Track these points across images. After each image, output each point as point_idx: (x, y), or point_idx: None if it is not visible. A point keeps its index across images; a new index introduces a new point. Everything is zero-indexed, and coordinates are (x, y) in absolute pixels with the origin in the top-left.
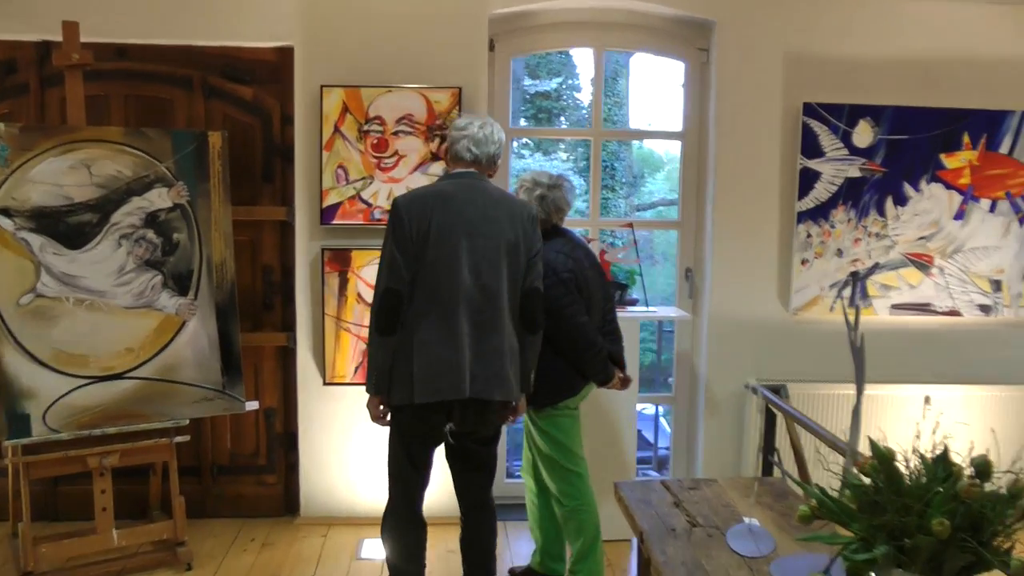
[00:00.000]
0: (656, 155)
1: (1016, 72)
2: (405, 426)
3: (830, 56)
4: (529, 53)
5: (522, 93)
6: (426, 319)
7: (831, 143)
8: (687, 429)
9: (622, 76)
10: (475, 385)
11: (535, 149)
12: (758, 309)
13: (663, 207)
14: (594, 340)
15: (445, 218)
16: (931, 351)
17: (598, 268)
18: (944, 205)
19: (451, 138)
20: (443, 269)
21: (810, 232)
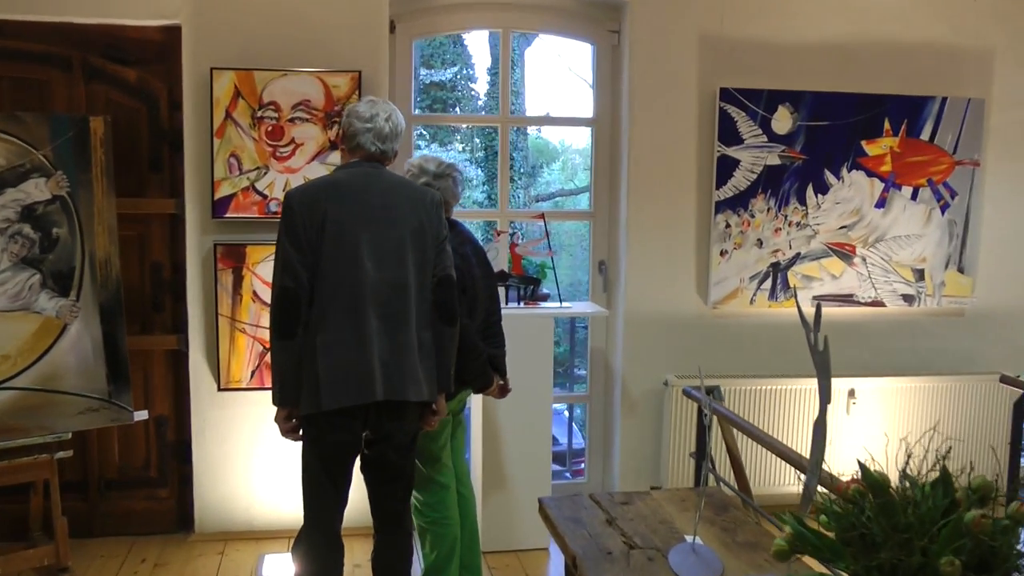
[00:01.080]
0: (552, 145)
1: (936, 57)
2: (317, 438)
3: (747, 39)
4: (431, 35)
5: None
6: (329, 319)
7: (749, 129)
8: (603, 429)
9: (518, 66)
10: (387, 386)
11: (431, 139)
12: (675, 303)
13: (561, 198)
14: (475, 344)
15: (341, 209)
16: (855, 343)
17: (486, 265)
18: (866, 193)
19: (353, 128)
20: (343, 264)
21: (729, 222)
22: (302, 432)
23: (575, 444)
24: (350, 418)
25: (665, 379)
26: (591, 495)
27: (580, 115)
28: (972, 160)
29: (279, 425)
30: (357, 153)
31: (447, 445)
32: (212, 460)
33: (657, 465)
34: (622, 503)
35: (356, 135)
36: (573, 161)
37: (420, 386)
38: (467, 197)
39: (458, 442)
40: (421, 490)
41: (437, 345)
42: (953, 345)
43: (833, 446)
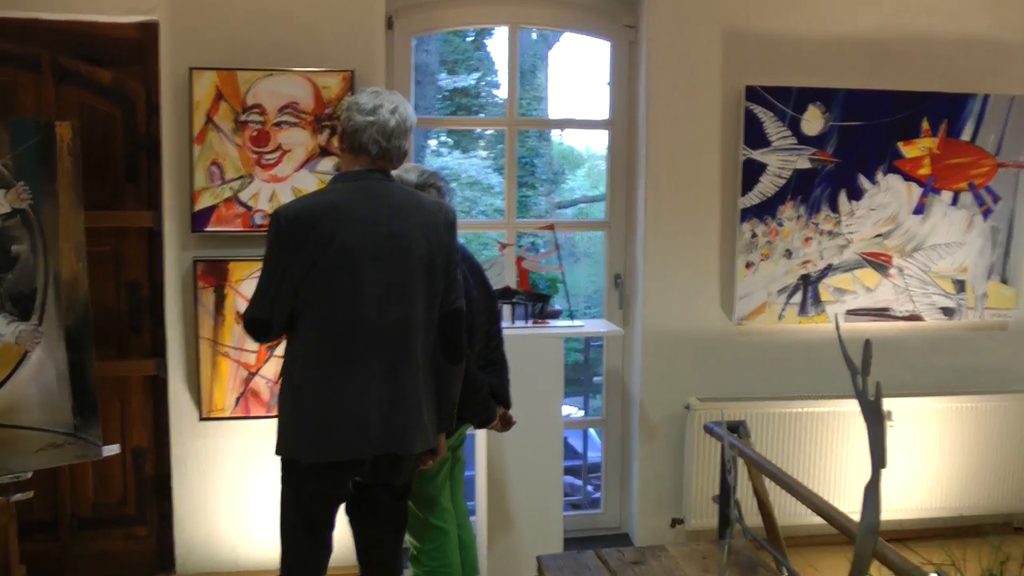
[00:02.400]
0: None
1: (977, 52)
2: (298, 488)
3: (775, 34)
4: (433, 31)
5: (438, 89)
6: (320, 363)
7: (777, 131)
8: (620, 457)
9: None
10: (390, 438)
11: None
12: (698, 319)
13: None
14: (475, 377)
15: (342, 237)
16: (891, 361)
17: (484, 284)
18: (903, 198)
19: (353, 123)
20: (343, 301)
21: (755, 231)
22: (281, 475)
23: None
24: (339, 470)
25: (687, 402)
26: (597, 553)
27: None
28: (1016, 162)
29: None
30: (359, 156)
31: (445, 485)
32: (194, 495)
33: (679, 496)
34: (633, 562)
35: (357, 131)
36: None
37: (427, 435)
38: (488, 205)
39: (457, 481)
40: (418, 537)
41: (440, 384)
42: (996, 361)
43: (861, 473)
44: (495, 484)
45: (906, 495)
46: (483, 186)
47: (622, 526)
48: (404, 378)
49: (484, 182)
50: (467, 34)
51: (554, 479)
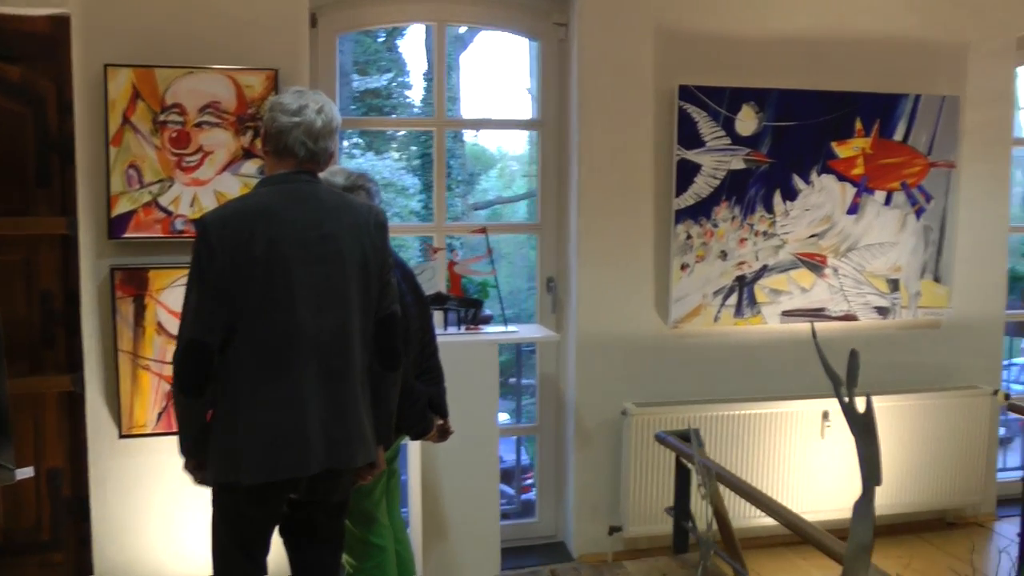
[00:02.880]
0: (489, 152)
1: (908, 52)
2: (234, 512)
3: (708, 33)
4: (358, 29)
5: (351, 91)
6: (256, 376)
7: (711, 131)
8: (555, 465)
9: (454, 70)
10: (332, 453)
11: (367, 148)
12: (633, 323)
13: (499, 206)
14: (411, 386)
15: (272, 241)
16: (829, 361)
17: (416, 290)
18: (837, 198)
19: (277, 124)
20: (275, 311)
21: (690, 233)
22: (212, 500)
23: (509, 461)
24: (277, 489)
25: (623, 408)
26: (552, 570)
27: (514, 118)
28: (947, 161)
29: (192, 475)
30: (285, 158)
31: (382, 500)
32: (115, 517)
33: (616, 503)
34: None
35: (282, 133)
36: (511, 168)
37: (368, 447)
38: (403, 207)
39: (393, 494)
40: (356, 555)
41: (377, 394)
42: (930, 359)
43: (807, 473)
44: (430, 495)
45: (843, 495)
46: (397, 188)
47: (558, 534)
48: (342, 389)
49: (398, 183)
50: (378, 35)
51: (490, 488)
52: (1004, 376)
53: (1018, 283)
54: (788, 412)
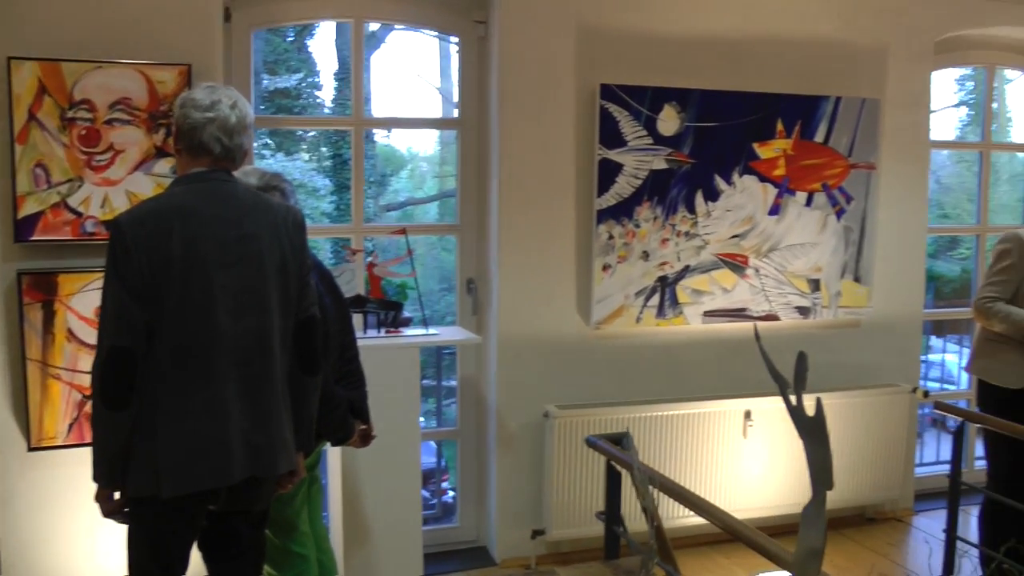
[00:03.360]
0: (399, 152)
1: (829, 55)
2: (152, 527)
3: (630, 32)
4: (273, 24)
5: (260, 90)
6: (174, 383)
7: (633, 131)
8: (477, 469)
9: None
10: (254, 460)
11: (277, 148)
12: (554, 324)
13: (411, 207)
14: (332, 392)
15: (189, 242)
16: (749, 361)
17: (335, 292)
18: (758, 199)
19: (190, 120)
20: (193, 313)
21: (612, 233)
22: (129, 515)
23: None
24: (197, 501)
25: (545, 410)
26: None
27: (439, 116)
28: (867, 163)
29: (100, 505)
30: (199, 156)
31: (303, 509)
32: (23, 535)
33: (539, 506)
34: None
35: (195, 129)
36: (421, 169)
37: (290, 454)
38: (315, 208)
39: (314, 502)
40: (277, 566)
41: (297, 398)
42: (850, 358)
43: (731, 472)
44: (351, 501)
45: (766, 493)
46: (308, 189)
47: (480, 539)
48: (263, 394)
49: (309, 185)
50: (288, 34)
51: (412, 493)
52: (921, 373)
53: (933, 283)
54: (711, 412)
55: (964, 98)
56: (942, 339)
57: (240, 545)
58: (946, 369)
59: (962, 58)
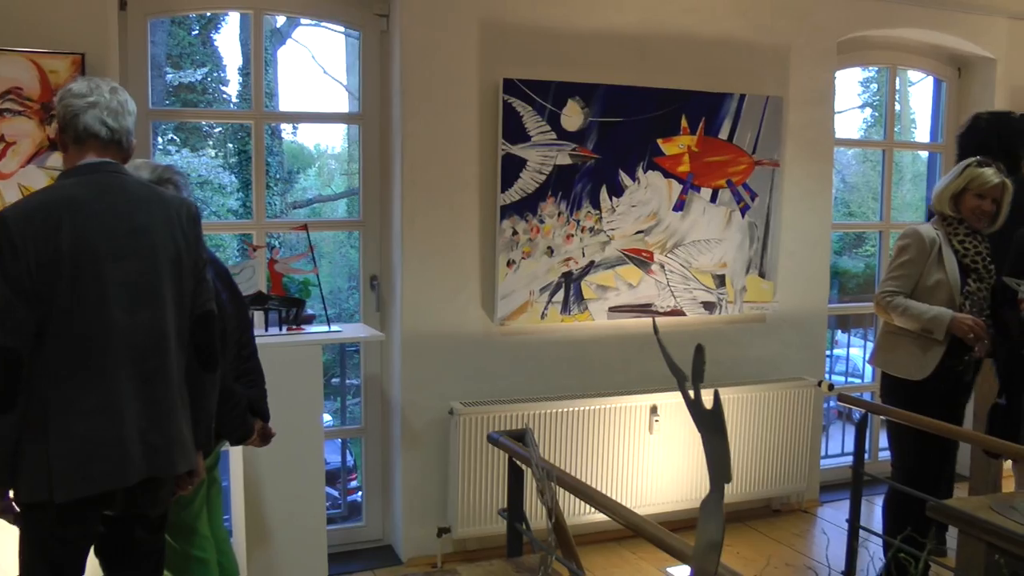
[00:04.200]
0: (307, 149)
1: (733, 52)
2: (44, 534)
3: (533, 26)
4: (171, 14)
5: (164, 84)
6: (66, 382)
7: (537, 126)
8: (382, 467)
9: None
10: (151, 460)
11: (183, 144)
12: (459, 320)
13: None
14: (230, 389)
15: (80, 237)
16: (654, 356)
17: (232, 288)
18: (663, 195)
19: (72, 108)
20: (85, 310)
21: (516, 229)
22: (20, 522)
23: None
24: (93, 505)
25: (450, 407)
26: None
27: (342, 111)
28: (771, 160)
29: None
30: (86, 144)
31: (203, 511)
32: None
33: (444, 504)
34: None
35: (78, 116)
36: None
37: (187, 453)
38: (221, 205)
39: (214, 504)
40: (177, 570)
41: (195, 396)
42: (755, 353)
43: (637, 467)
44: (253, 502)
45: (673, 487)
46: (214, 186)
47: (385, 538)
48: (160, 391)
49: (215, 181)
50: (192, 27)
51: (316, 492)
52: (827, 367)
53: (838, 278)
54: (617, 407)
55: (869, 99)
56: (847, 333)
57: (140, 550)
58: (852, 363)
59: (865, 58)
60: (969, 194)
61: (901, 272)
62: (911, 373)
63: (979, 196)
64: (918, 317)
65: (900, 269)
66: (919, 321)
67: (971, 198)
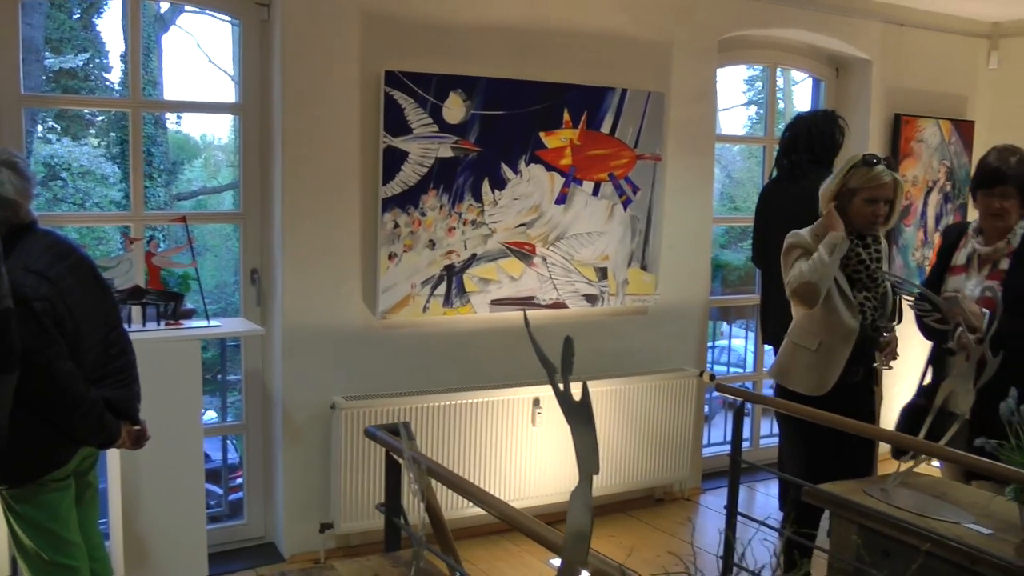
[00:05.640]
0: (193, 140)
1: (616, 47)
2: None
3: (415, 18)
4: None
5: (43, 69)
6: None
7: (418, 118)
8: (263, 463)
9: (154, 53)
10: None
11: (63, 133)
12: (340, 314)
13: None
14: (81, 395)
15: None
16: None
17: (91, 284)
18: (545, 188)
19: None
20: None
21: (398, 221)
22: None
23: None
24: None
25: (332, 402)
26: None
27: (224, 101)
28: (653, 154)
29: None
30: None
31: (70, 518)
32: None
33: (327, 500)
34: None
35: None
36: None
37: None
38: (103, 196)
39: (88, 509)
40: None
41: None
42: (638, 344)
43: (521, 460)
44: (131, 503)
45: (556, 480)
46: (96, 176)
47: (268, 535)
48: None
49: (97, 172)
50: (74, 11)
51: (196, 492)
52: (708, 358)
53: (719, 271)
54: (500, 400)
55: (754, 97)
56: (730, 324)
57: None
58: (736, 353)
59: (746, 56)
60: (859, 197)
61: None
62: (810, 388)
63: (871, 200)
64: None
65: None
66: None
67: (861, 201)
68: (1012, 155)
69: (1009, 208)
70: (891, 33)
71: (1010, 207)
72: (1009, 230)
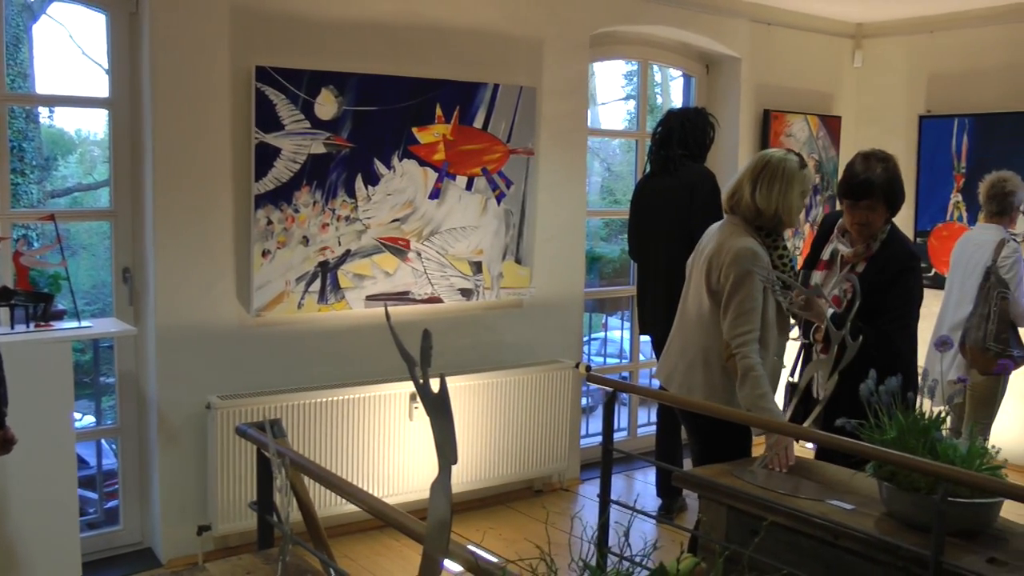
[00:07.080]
0: (68, 135)
1: (487, 43)
2: None
3: (286, 14)
4: None
5: None
6: None
7: (290, 114)
8: (139, 466)
9: (23, 43)
10: None
11: None
12: (214, 312)
13: (80, 193)
14: None
15: None
16: (413, 343)
17: None
18: (419, 183)
19: None
20: None
21: (271, 218)
22: None
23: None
24: None
25: (208, 401)
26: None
27: (95, 95)
28: (526, 149)
29: None
30: None
31: None
32: None
33: (204, 501)
34: None
35: None
36: (92, 153)
37: None
38: None
39: None
40: None
41: None
42: (514, 337)
43: (399, 455)
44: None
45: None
46: None
47: (145, 540)
48: None
49: None
50: None
51: (68, 498)
52: (585, 350)
53: (596, 264)
54: (376, 396)
55: (632, 92)
56: (608, 316)
57: None
58: (616, 344)
59: (618, 52)
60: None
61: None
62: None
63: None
64: (763, 409)
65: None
66: (760, 412)
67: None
68: (879, 162)
69: (874, 219)
70: (759, 32)
71: (875, 218)
72: (873, 236)
